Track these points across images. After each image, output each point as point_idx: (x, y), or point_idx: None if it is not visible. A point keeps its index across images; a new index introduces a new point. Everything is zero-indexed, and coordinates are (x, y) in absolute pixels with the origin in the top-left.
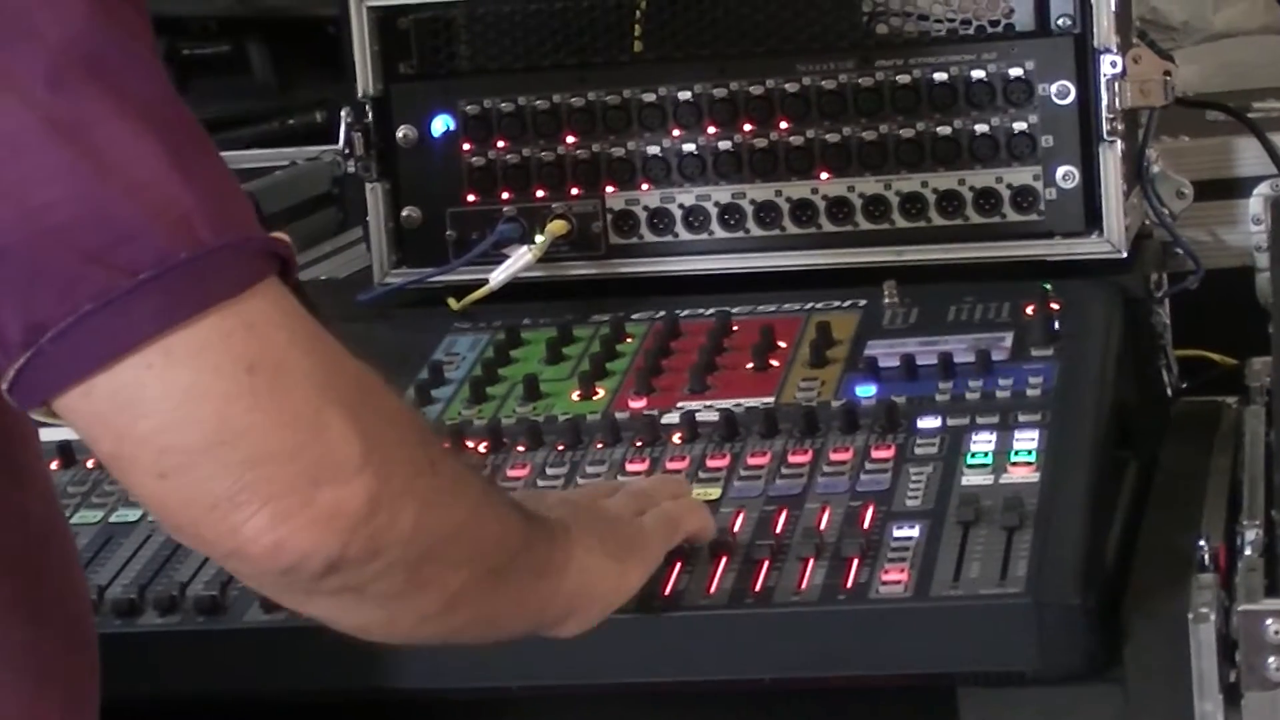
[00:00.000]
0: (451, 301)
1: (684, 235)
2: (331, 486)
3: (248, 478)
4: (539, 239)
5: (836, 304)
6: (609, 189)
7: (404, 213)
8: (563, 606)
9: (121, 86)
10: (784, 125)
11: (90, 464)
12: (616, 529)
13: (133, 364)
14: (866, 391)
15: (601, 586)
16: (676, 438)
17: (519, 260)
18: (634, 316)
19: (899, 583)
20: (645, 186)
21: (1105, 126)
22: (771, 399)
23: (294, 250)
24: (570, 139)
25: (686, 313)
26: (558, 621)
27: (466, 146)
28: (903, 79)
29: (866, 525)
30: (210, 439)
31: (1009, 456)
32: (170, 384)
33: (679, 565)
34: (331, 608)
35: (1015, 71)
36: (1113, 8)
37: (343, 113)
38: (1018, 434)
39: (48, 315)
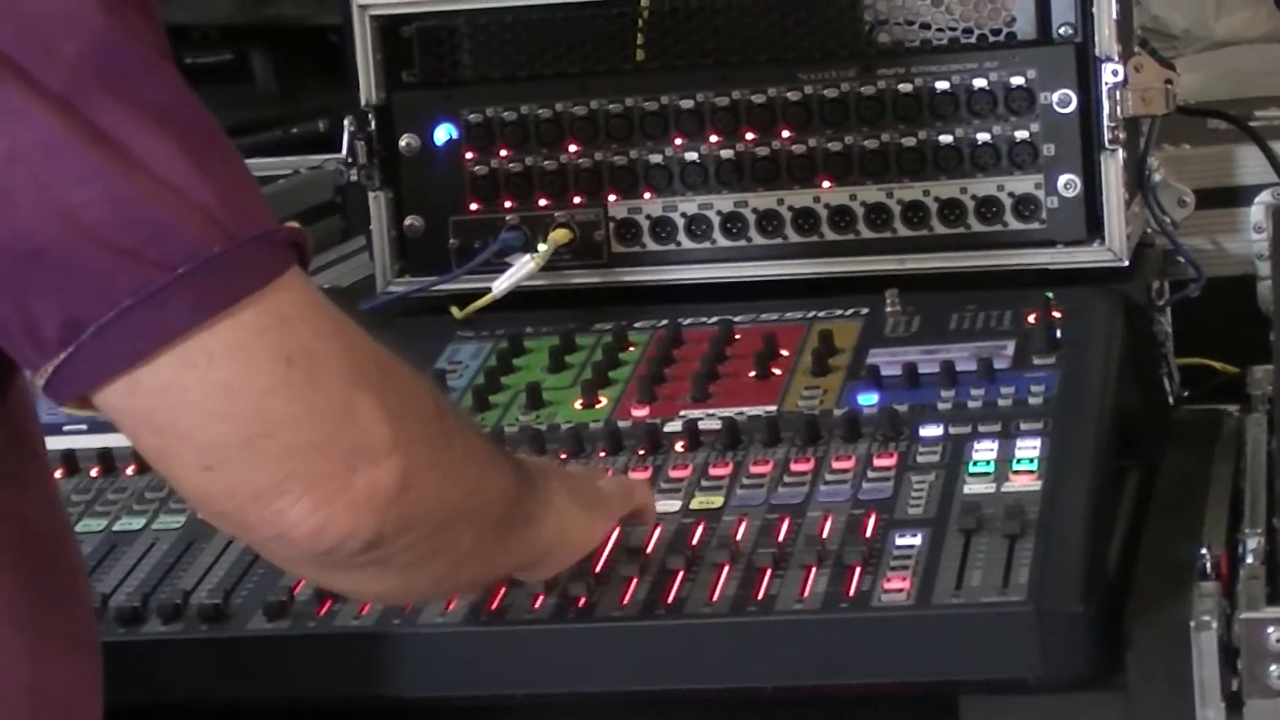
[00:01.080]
0: (454, 310)
1: (686, 244)
2: (366, 469)
3: (288, 467)
4: (541, 247)
5: (839, 312)
6: (611, 197)
7: (407, 221)
8: (541, 551)
9: (138, 93)
10: (786, 134)
11: (94, 473)
12: (581, 483)
13: (174, 361)
14: (869, 400)
15: (573, 534)
16: (679, 446)
17: (521, 269)
18: (636, 325)
19: (901, 591)
20: (648, 195)
21: (1107, 135)
22: (774, 407)
23: (310, 240)
24: (573, 147)
25: (689, 321)
26: (532, 566)
27: (469, 155)
28: (905, 87)
29: (869, 533)
30: (251, 432)
31: (1011, 465)
32: (212, 382)
33: (681, 573)
34: (360, 580)
35: (1017, 80)
36: (1114, 16)
37: (345, 121)
38: (1020, 442)
39: (86, 312)
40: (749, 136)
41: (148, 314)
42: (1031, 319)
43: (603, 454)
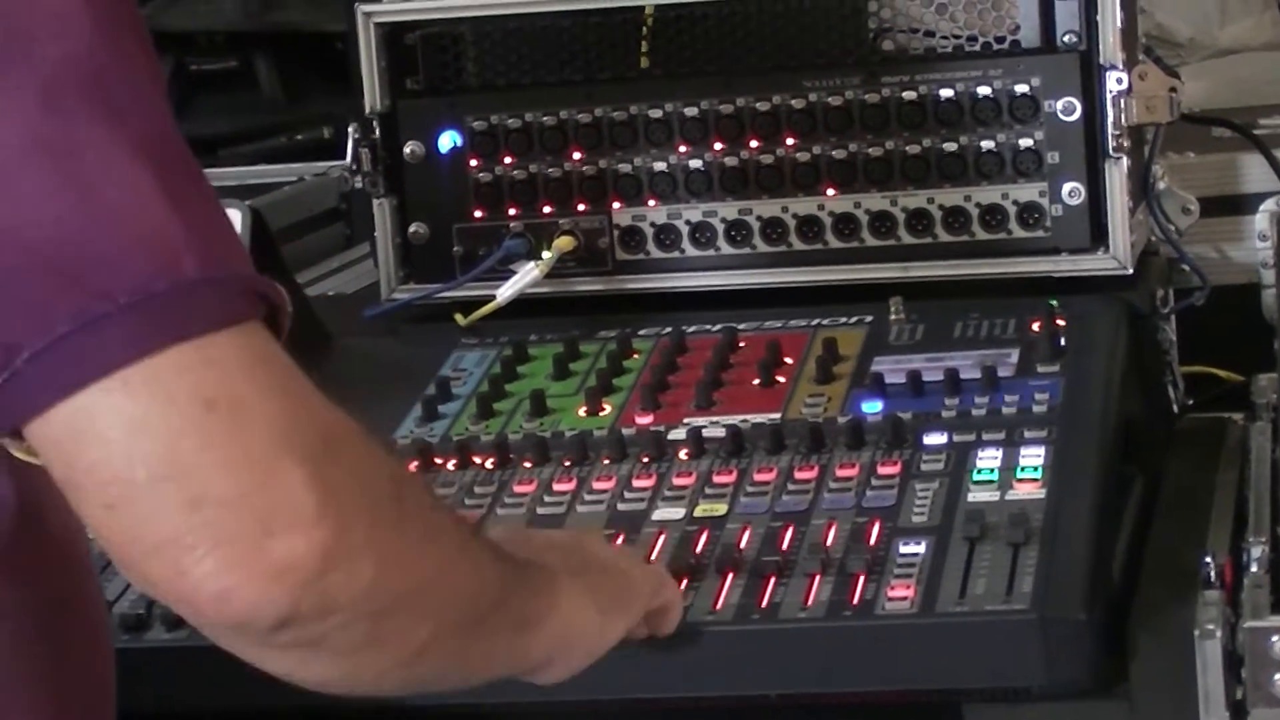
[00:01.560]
0: (459, 317)
1: (690, 251)
2: (283, 538)
3: (195, 520)
4: (546, 254)
5: (843, 320)
6: (616, 205)
7: (411, 228)
8: (540, 656)
9: (119, 112)
10: (790, 141)
11: None
12: (605, 578)
13: (91, 391)
14: (873, 407)
15: (582, 638)
16: (683, 454)
17: (526, 276)
18: (641, 332)
19: (905, 599)
20: (652, 202)
21: (1111, 143)
22: (778, 415)
23: (285, 297)
24: (577, 155)
25: (693, 328)
26: (535, 670)
27: (473, 162)
28: (909, 95)
29: (873, 541)
30: (155, 474)
31: (1015, 472)
32: (120, 414)
33: (684, 581)
34: (287, 661)
35: (1021, 88)
36: (1119, 24)
37: (350, 128)
38: (1024, 450)
39: (23, 336)
40: (753, 144)
41: (84, 343)
42: (1035, 327)
43: (606, 461)
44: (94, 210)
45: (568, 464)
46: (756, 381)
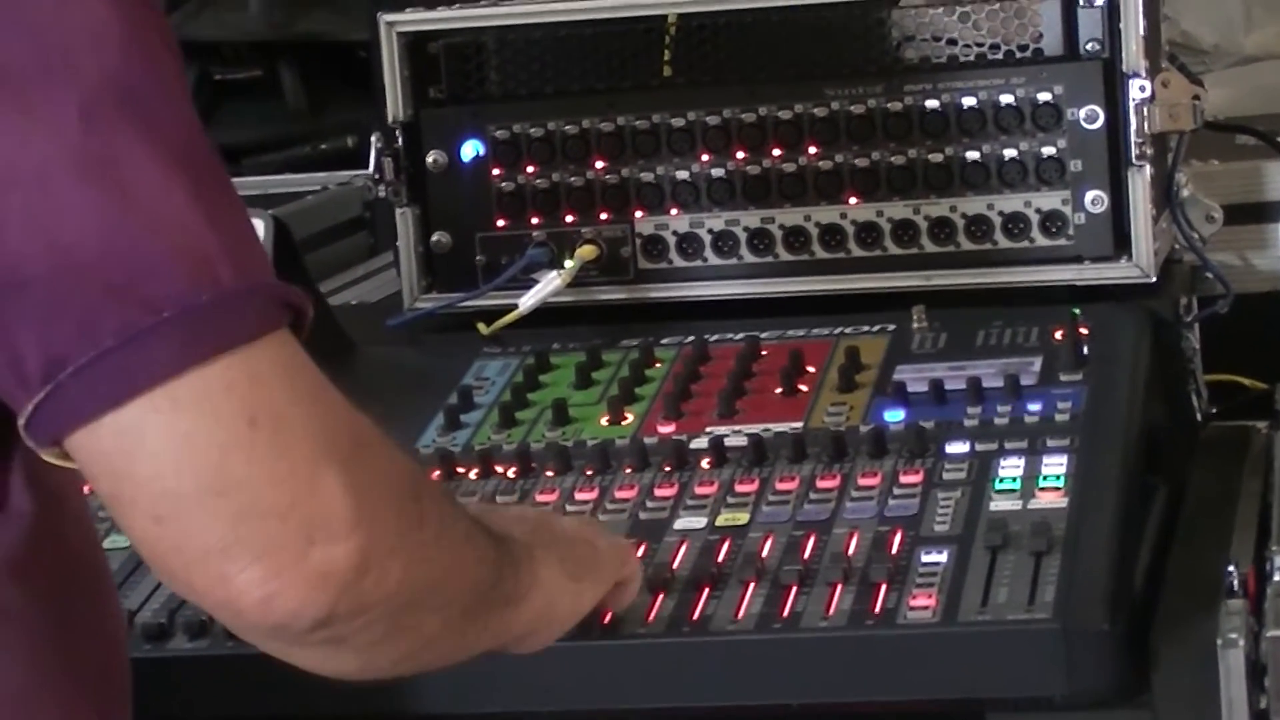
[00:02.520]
0: (481, 326)
1: (713, 260)
2: (324, 545)
3: (241, 530)
4: (568, 264)
5: (865, 328)
6: (638, 214)
7: (434, 237)
8: (525, 628)
9: (154, 125)
10: (813, 150)
11: None
12: (574, 549)
13: (140, 405)
14: (895, 416)
15: (560, 608)
16: (705, 462)
17: (548, 285)
18: (663, 341)
19: (927, 608)
20: (674, 211)
21: (1134, 151)
22: (800, 423)
23: (309, 303)
24: (599, 164)
25: (715, 337)
26: (517, 642)
27: (496, 171)
28: (931, 103)
29: (894, 550)
30: (205, 488)
31: (1037, 481)
32: (171, 429)
33: (707, 589)
34: (313, 657)
35: (1044, 96)
36: (1142, 32)
37: (373, 138)
38: (1046, 459)
39: (68, 350)
40: (776, 152)
41: (128, 357)
42: (1058, 335)
43: (629, 470)
44: (135, 223)
45: (590, 473)
46: (779, 390)
